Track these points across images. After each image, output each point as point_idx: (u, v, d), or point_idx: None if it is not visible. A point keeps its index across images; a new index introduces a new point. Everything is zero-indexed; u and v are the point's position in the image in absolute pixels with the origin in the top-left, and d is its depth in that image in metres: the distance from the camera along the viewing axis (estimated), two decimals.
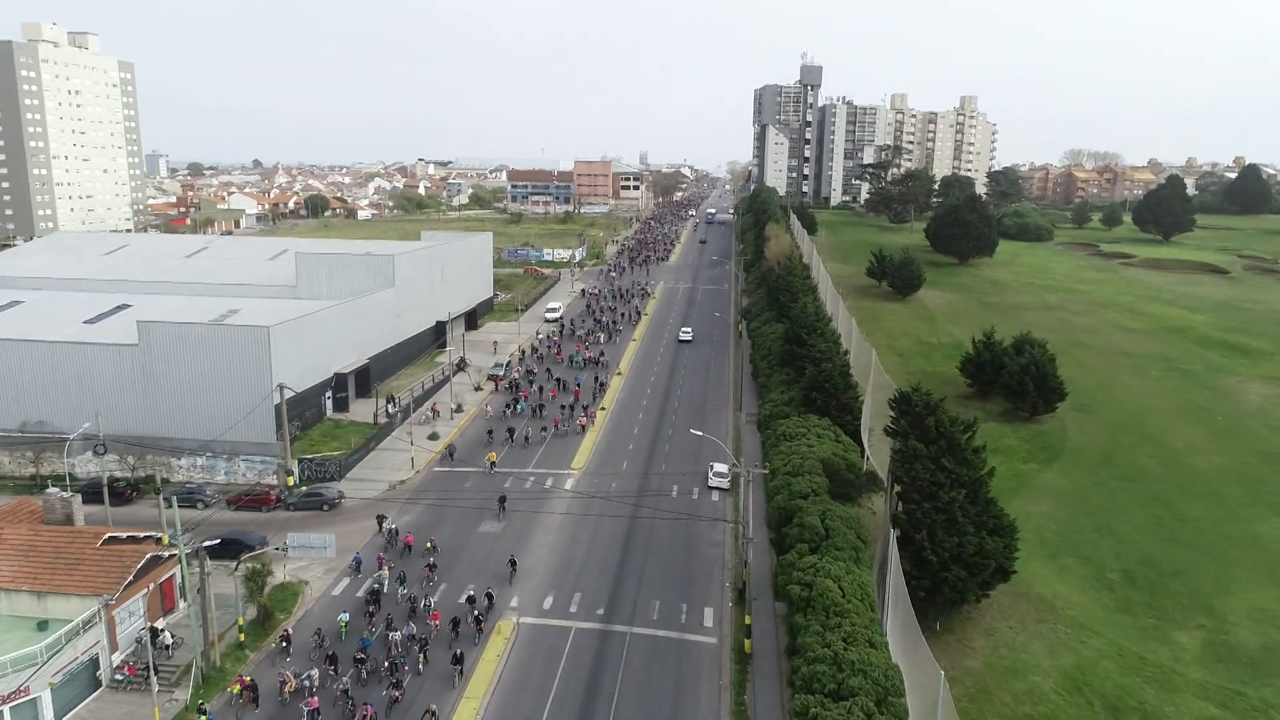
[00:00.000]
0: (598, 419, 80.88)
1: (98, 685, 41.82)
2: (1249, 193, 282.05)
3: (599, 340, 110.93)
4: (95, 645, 42.00)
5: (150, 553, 45.44)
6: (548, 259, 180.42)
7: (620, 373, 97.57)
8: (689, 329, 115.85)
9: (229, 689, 41.15)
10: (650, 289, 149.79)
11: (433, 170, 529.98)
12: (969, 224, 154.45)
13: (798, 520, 46.82)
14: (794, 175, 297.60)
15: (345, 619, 46.26)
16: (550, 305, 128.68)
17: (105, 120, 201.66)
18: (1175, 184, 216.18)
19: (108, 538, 45.83)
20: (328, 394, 78.18)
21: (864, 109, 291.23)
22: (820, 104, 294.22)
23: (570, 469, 69.40)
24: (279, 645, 44.62)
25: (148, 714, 39.79)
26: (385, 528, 56.88)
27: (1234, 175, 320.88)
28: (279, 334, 67.86)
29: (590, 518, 60.45)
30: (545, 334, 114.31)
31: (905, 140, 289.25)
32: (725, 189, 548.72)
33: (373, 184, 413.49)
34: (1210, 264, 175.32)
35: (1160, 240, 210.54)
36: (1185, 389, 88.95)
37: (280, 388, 64.95)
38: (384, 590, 50.05)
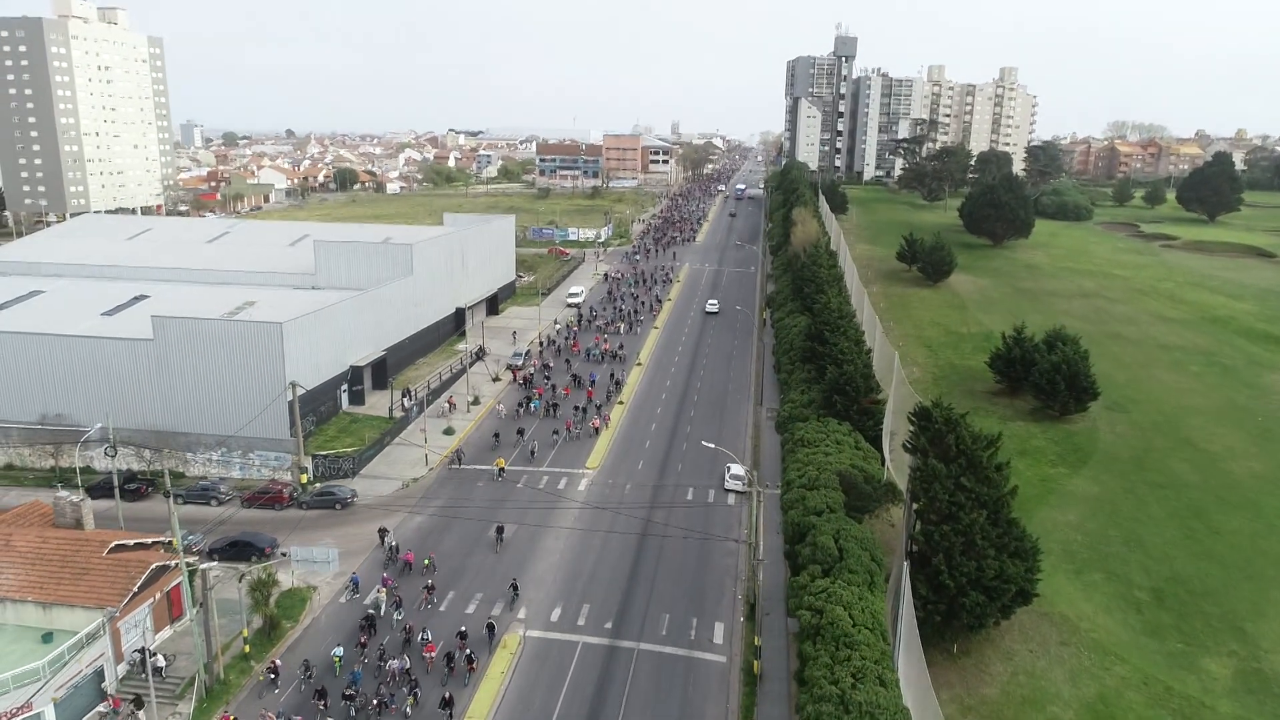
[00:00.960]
0: (614, 414, 79.54)
1: (103, 697, 41.81)
2: None
3: (618, 331, 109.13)
4: (100, 657, 42.02)
5: (155, 562, 45.27)
6: (572, 238, 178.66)
7: (640, 363, 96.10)
8: (715, 301, 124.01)
9: None
10: (674, 274, 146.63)
11: (463, 141, 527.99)
12: (1004, 205, 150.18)
13: (811, 539, 45.46)
14: (826, 149, 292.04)
15: (339, 654, 44.18)
16: (572, 290, 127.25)
17: (135, 96, 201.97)
18: (1223, 161, 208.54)
19: (115, 545, 45.74)
20: (343, 387, 77.77)
21: (899, 81, 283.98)
22: (855, 76, 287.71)
23: (584, 468, 68.34)
24: (266, 678, 43.00)
25: None
26: (387, 543, 55.13)
27: None
28: (292, 330, 67.30)
29: (603, 522, 59.50)
30: (564, 322, 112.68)
31: (942, 114, 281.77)
32: (757, 160, 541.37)
33: (403, 155, 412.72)
34: (1257, 247, 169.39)
35: (1205, 220, 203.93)
36: (1225, 386, 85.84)
37: (293, 385, 64.53)
38: (380, 615, 48.35)
